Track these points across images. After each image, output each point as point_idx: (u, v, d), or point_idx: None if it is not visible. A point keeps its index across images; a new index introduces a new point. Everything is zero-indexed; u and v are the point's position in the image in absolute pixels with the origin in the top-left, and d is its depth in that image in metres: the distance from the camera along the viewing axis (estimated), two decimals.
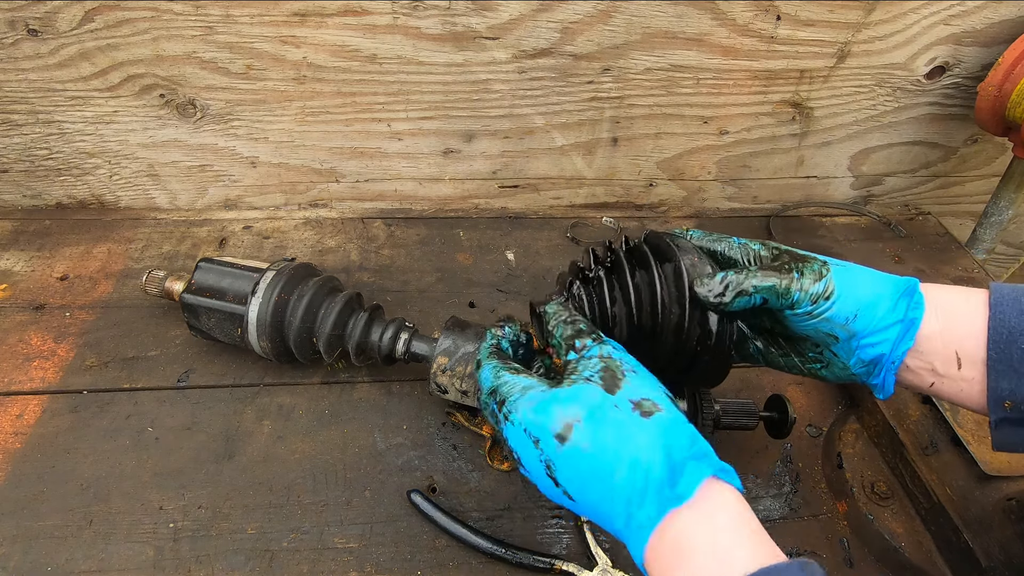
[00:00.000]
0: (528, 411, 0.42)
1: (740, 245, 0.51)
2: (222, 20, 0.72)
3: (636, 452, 0.37)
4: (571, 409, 0.40)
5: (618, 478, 0.38)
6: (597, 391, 0.40)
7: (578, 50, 0.78)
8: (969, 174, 0.99)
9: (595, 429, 0.39)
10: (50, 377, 0.65)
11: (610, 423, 0.39)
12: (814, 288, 0.44)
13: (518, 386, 0.44)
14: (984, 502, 0.54)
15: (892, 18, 0.78)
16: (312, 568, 0.52)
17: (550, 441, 0.40)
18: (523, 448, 0.42)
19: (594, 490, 0.39)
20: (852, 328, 0.45)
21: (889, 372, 0.46)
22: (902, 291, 0.45)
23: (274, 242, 0.85)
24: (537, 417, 0.41)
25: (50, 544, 0.53)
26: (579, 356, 0.44)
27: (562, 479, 0.40)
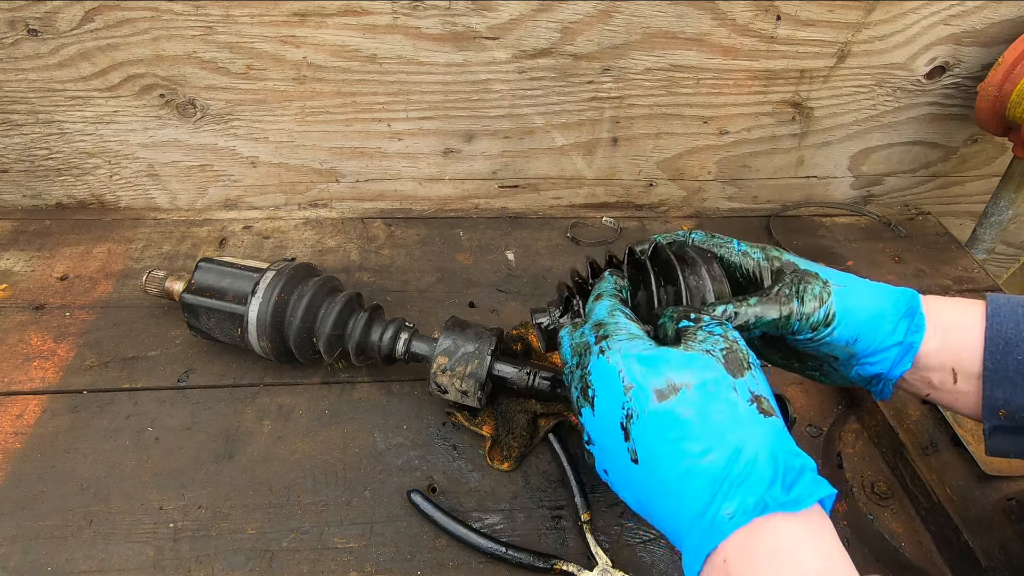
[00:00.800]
0: (632, 357, 0.39)
1: (740, 252, 0.50)
2: (222, 20, 0.72)
3: (744, 441, 0.35)
4: (683, 373, 0.37)
5: (710, 460, 0.35)
6: (717, 366, 0.38)
7: (578, 50, 0.78)
8: (969, 174, 0.99)
9: (705, 401, 0.36)
10: (50, 377, 0.65)
11: (724, 402, 0.36)
12: (815, 317, 0.44)
13: (628, 331, 0.41)
14: (984, 502, 0.54)
15: (892, 18, 0.78)
16: (312, 568, 0.52)
17: (645, 393, 0.37)
18: (606, 387, 0.39)
19: (671, 462, 0.36)
20: (852, 350, 0.45)
21: (887, 385, 0.47)
22: (903, 312, 0.45)
23: (274, 242, 0.85)
24: (640, 366, 0.38)
25: (50, 544, 0.53)
26: (696, 326, 0.41)
27: (637, 436, 0.37)
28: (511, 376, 0.59)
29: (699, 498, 0.34)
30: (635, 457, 0.37)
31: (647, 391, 0.37)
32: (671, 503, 0.36)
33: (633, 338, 0.41)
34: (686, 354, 0.38)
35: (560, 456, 0.60)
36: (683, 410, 0.36)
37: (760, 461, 0.34)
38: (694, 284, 0.47)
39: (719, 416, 0.36)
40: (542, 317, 0.53)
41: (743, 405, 0.36)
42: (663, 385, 0.37)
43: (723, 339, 0.39)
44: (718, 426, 0.36)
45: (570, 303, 0.52)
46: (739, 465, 0.34)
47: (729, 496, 0.34)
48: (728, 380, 0.37)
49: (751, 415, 0.36)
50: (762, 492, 0.33)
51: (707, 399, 0.36)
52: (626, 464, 0.38)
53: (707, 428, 0.36)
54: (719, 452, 0.35)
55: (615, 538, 0.55)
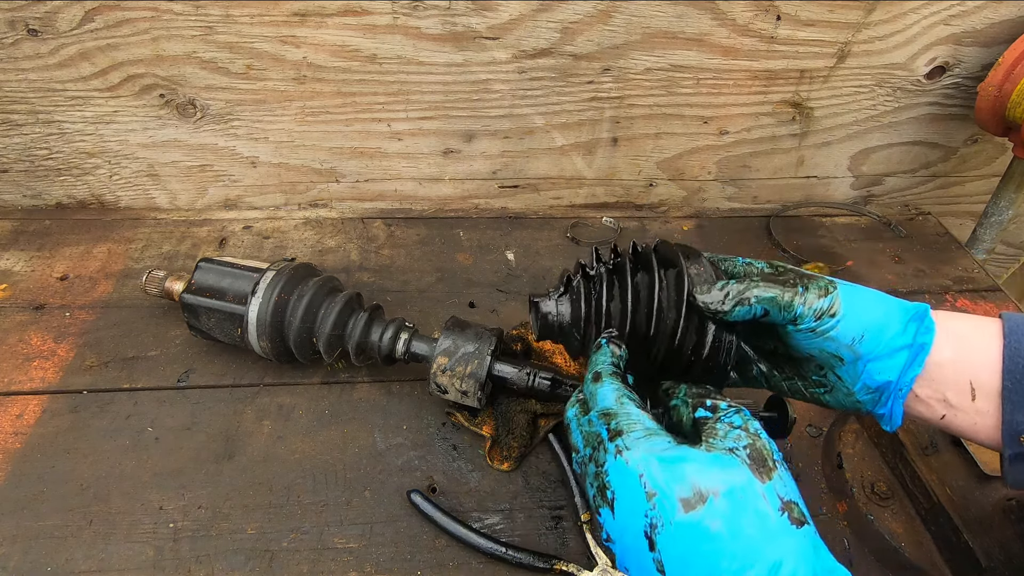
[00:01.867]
0: (653, 459, 0.36)
1: (744, 263, 0.49)
2: (222, 20, 0.72)
3: (779, 556, 0.33)
4: (709, 479, 0.35)
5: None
6: (744, 471, 0.35)
7: (578, 50, 0.78)
8: (969, 174, 0.99)
9: (735, 512, 0.34)
10: (50, 377, 0.65)
11: (754, 513, 0.34)
12: (818, 303, 0.42)
13: (641, 425, 0.39)
14: (984, 502, 0.54)
15: (892, 18, 0.78)
16: (312, 568, 0.52)
17: (671, 503, 0.35)
18: (626, 491, 0.36)
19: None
20: (858, 350, 0.43)
21: (897, 400, 0.43)
22: (911, 315, 0.43)
23: (274, 242, 0.85)
24: (662, 471, 0.36)
25: (50, 544, 0.53)
26: (714, 416, 0.39)
27: (665, 548, 0.35)
28: (511, 376, 0.59)
29: None
30: (661, 568, 0.35)
31: (672, 499, 0.35)
32: None
33: (649, 434, 0.38)
34: (710, 456, 0.36)
35: (560, 456, 0.60)
36: (712, 523, 0.34)
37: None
38: (695, 271, 0.46)
39: (750, 530, 0.34)
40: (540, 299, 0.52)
41: (774, 515, 0.34)
42: (688, 493, 0.35)
43: (745, 433, 0.37)
44: (751, 540, 0.33)
45: (570, 282, 0.51)
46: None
47: None
48: (756, 487, 0.35)
49: (783, 527, 0.34)
50: None
51: (736, 510, 0.34)
52: (652, 572, 0.36)
53: (740, 543, 0.33)
54: (756, 570, 0.33)
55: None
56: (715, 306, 0.44)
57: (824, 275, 0.45)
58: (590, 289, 0.51)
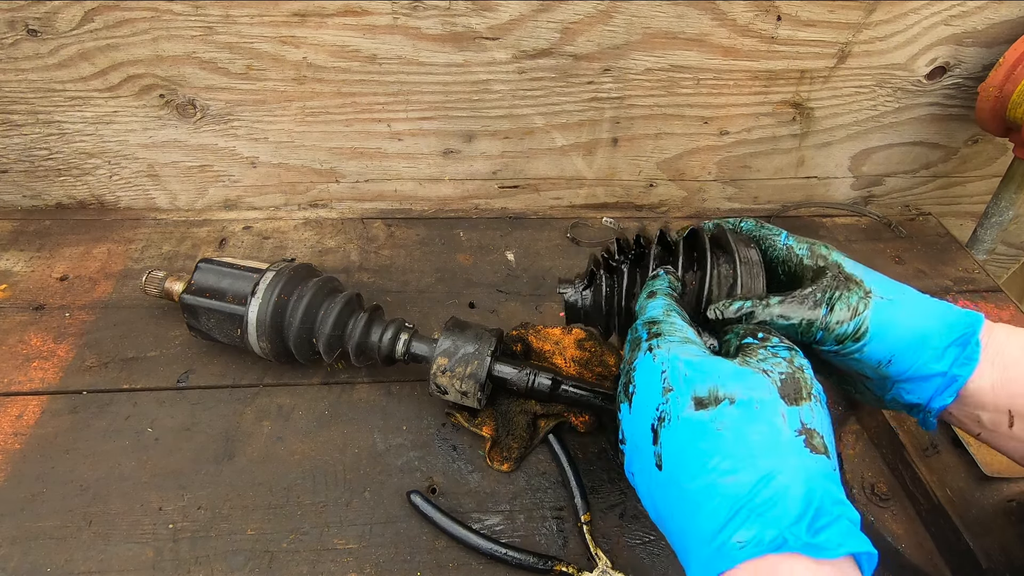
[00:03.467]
0: (680, 358, 0.36)
1: (785, 246, 0.46)
2: (222, 20, 0.72)
3: (777, 469, 0.32)
4: (730, 386, 0.34)
5: (736, 481, 0.32)
6: (770, 388, 0.35)
7: (578, 50, 0.78)
8: (970, 174, 0.99)
9: (744, 419, 0.33)
10: (50, 378, 0.65)
11: (765, 424, 0.33)
12: (841, 329, 0.40)
13: (682, 334, 0.38)
14: (984, 504, 0.54)
15: (893, 18, 0.78)
16: (312, 569, 0.52)
17: (684, 398, 0.35)
18: (647, 386, 0.36)
19: (693, 474, 0.33)
20: (884, 372, 0.41)
21: (929, 417, 0.42)
22: (955, 338, 0.40)
23: (274, 242, 0.85)
24: (686, 368, 0.35)
25: (49, 545, 0.52)
26: (760, 343, 0.38)
27: (666, 441, 0.35)
28: (511, 377, 0.59)
29: (714, 518, 0.32)
30: (659, 462, 0.35)
31: (686, 396, 0.35)
32: (686, 519, 0.33)
33: (686, 342, 0.38)
34: (738, 368, 0.36)
35: (560, 457, 0.59)
36: (719, 423, 0.33)
37: (791, 494, 0.31)
38: (725, 273, 0.44)
39: (756, 438, 0.33)
40: (566, 288, 0.53)
41: (787, 433, 0.33)
42: (704, 393, 0.34)
43: (786, 363, 0.36)
44: (753, 447, 0.33)
45: (594, 276, 0.52)
46: (765, 492, 0.31)
47: (747, 523, 0.31)
48: (778, 405, 0.34)
49: (794, 445, 0.33)
50: (784, 527, 0.30)
51: (748, 418, 0.33)
52: (651, 469, 0.36)
53: (740, 447, 0.33)
54: (746, 474, 0.32)
55: (615, 539, 0.55)
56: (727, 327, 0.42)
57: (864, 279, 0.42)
58: (612, 283, 0.51)
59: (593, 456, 0.62)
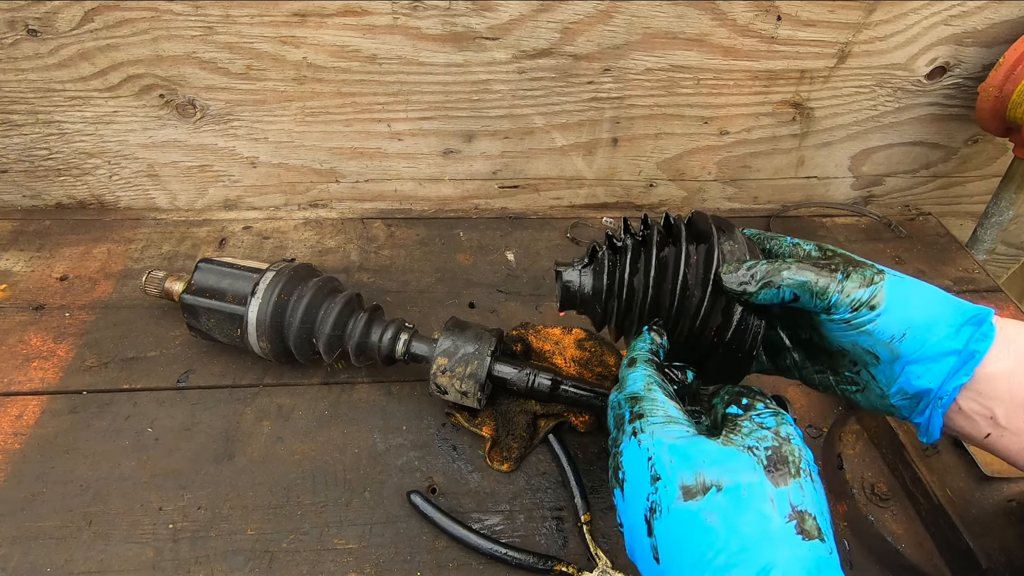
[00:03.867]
0: (664, 443, 0.36)
1: (791, 244, 0.46)
2: (222, 20, 0.72)
3: (774, 563, 0.31)
4: (715, 471, 0.34)
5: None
6: (758, 470, 0.34)
7: (578, 50, 0.78)
8: (970, 174, 0.99)
9: (733, 509, 0.33)
10: (50, 377, 0.65)
11: (754, 514, 0.32)
12: (857, 294, 0.39)
13: (663, 412, 0.38)
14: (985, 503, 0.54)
15: (893, 18, 0.78)
16: (312, 569, 0.52)
17: (672, 488, 0.34)
18: (635, 473, 0.36)
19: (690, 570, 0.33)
20: (897, 348, 0.39)
21: (936, 411, 0.39)
22: (968, 318, 0.38)
23: (274, 242, 0.85)
24: (671, 455, 0.35)
25: (49, 545, 0.52)
26: (745, 414, 0.37)
27: (660, 533, 0.34)
28: (511, 377, 0.59)
29: None
30: (656, 555, 0.34)
31: (674, 486, 0.34)
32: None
33: (669, 422, 0.37)
34: (723, 449, 0.35)
35: (560, 457, 0.59)
36: (708, 515, 0.33)
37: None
38: (729, 248, 0.44)
39: (747, 528, 0.32)
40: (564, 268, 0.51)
41: (777, 521, 0.32)
42: (692, 482, 0.34)
43: (773, 435, 0.35)
44: (745, 540, 0.32)
45: (595, 253, 0.50)
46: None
47: None
48: (766, 489, 0.33)
49: (784, 534, 0.32)
50: None
51: (736, 507, 0.33)
52: (649, 560, 0.35)
53: (733, 540, 0.32)
54: (742, 570, 0.31)
55: (615, 539, 0.55)
56: (740, 287, 0.41)
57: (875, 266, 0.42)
58: (615, 261, 0.49)
59: (593, 456, 0.61)
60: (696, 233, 0.47)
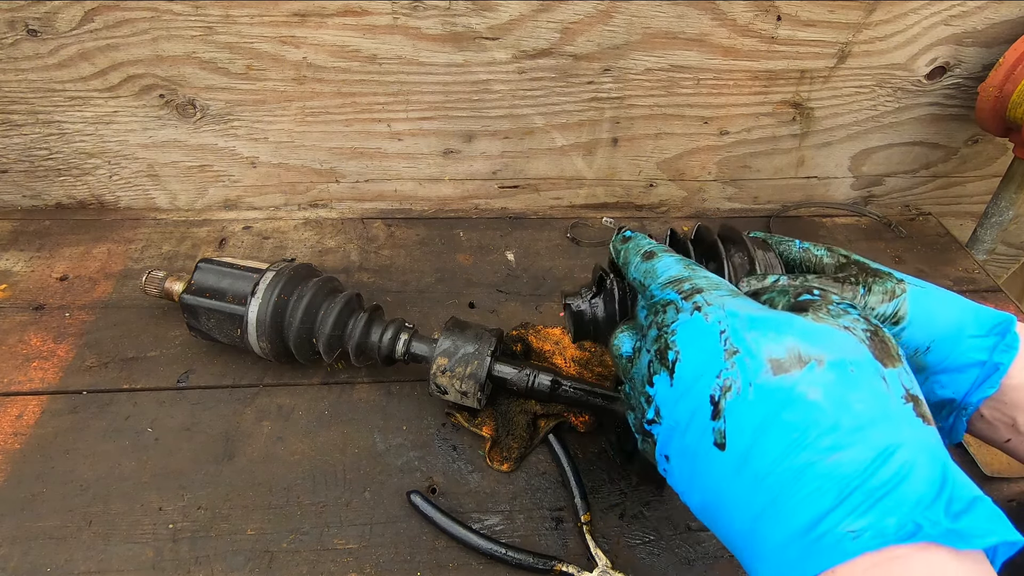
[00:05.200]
0: (739, 315, 0.30)
1: (801, 249, 0.44)
2: (222, 20, 0.72)
3: (900, 442, 0.26)
4: (815, 345, 0.28)
5: (843, 458, 0.26)
6: (861, 348, 0.29)
7: (578, 50, 0.78)
8: (970, 174, 0.99)
9: (844, 384, 0.27)
10: (49, 378, 0.65)
11: (867, 390, 0.27)
12: (881, 308, 0.37)
13: (725, 285, 0.33)
14: None
15: (893, 18, 0.78)
16: (312, 569, 0.52)
17: (757, 363, 0.28)
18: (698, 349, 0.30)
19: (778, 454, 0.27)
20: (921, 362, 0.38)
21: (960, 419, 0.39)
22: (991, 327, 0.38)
23: (274, 242, 0.85)
24: (752, 327, 0.29)
25: (49, 545, 0.52)
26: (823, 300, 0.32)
27: (733, 415, 0.28)
28: (511, 377, 0.59)
29: (811, 506, 0.25)
30: (721, 440, 0.28)
31: (759, 359, 0.28)
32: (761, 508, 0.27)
33: (736, 294, 0.32)
34: (817, 325, 0.29)
35: (560, 457, 0.59)
36: (810, 389, 0.27)
37: (917, 472, 0.25)
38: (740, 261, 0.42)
39: (861, 406, 0.27)
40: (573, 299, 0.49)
41: (896, 401, 0.27)
42: (783, 354, 0.28)
43: (865, 322, 0.31)
44: (859, 417, 0.26)
45: (603, 282, 0.48)
46: (887, 470, 0.25)
47: (863, 509, 0.24)
48: (876, 368, 0.28)
49: (905, 415, 0.27)
50: (916, 511, 0.24)
51: (847, 382, 0.27)
52: (706, 450, 0.29)
53: (844, 417, 0.26)
54: (858, 450, 0.26)
55: (615, 539, 0.55)
56: None
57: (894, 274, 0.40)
58: (625, 288, 0.47)
59: (593, 456, 0.62)
60: (703, 249, 0.46)
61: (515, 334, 0.69)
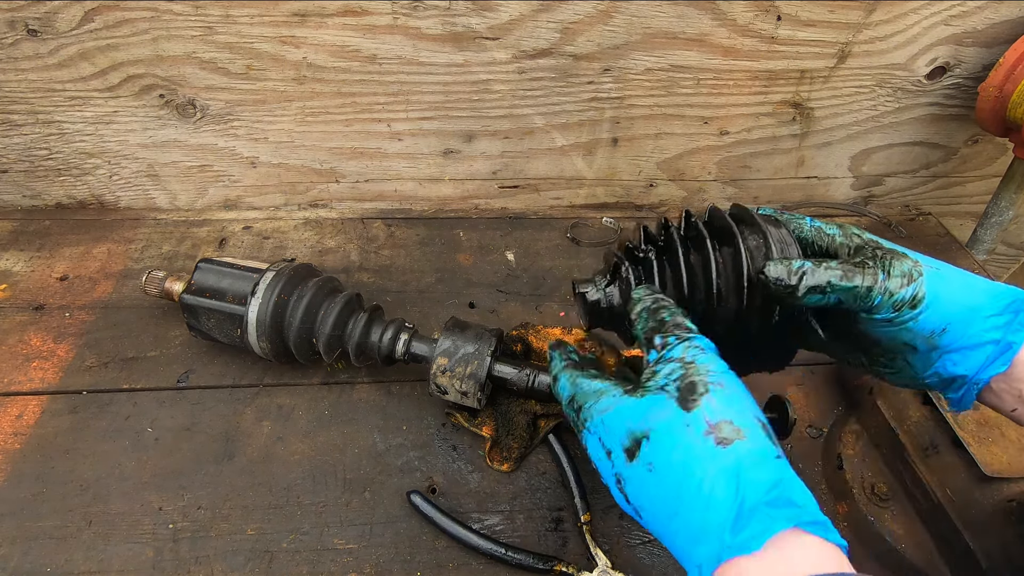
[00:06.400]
0: (600, 420, 0.39)
1: (813, 228, 0.45)
2: (222, 20, 0.72)
3: (700, 486, 0.33)
4: (640, 423, 0.36)
5: (682, 509, 0.34)
6: (670, 405, 0.36)
7: (578, 50, 0.78)
8: (970, 174, 0.99)
9: (661, 450, 0.35)
10: (50, 378, 0.65)
11: (678, 447, 0.35)
12: (900, 294, 0.39)
13: (592, 391, 0.41)
14: (984, 503, 0.53)
15: (893, 18, 0.78)
16: (312, 569, 0.52)
17: (620, 455, 0.37)
18: (598, 458, 0.39)
19: (660, 514, 0.36)
20: (936, 342, 0.40)
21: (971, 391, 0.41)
22: (1006, 306, 0.39)
23: (274, 242, 0.85)
24: (608, 428, 0.38)
25: (49, 545, 0.52)
26: (659, 356, 0.39)
27: (631, 496, 0.37)
28: (511, 377, 0.59)
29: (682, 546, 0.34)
30: (638, 514, 0.38)
31: (620, 451, 0.37)
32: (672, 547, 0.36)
33: (599, 395, 0.40)
34: (639, 400, 0.38)
35: (560, 457, 0.59)
36: (648, 465, 0.36)
37: (720, 503, 0.32)
38: (754, 244, 0.42)
39: (676, 463, 0.34)
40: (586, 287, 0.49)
41: (697, 441, 0.34)
42: (629, 442, 0.37)
43: (680, 365, 0.37)
44: (678, 474, 0.34)
45: (618, 269, 0.48)
46: (699, 512, 0.33)
47: (699, 543, 0.33)
48: (681, 418, 0.35)
49: (706, 451, 0.34)
50: (719, 538, 0.32)
51: (662, 447, 0.35)
52: (638, 518, 0.39)
53: (669, 479, 0.35)
54: (685, 502, 0.34)
55: (615, 539, 0.55)
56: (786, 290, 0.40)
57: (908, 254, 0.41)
58: (640, 275, 0.47)
59: None
60: (718, 232, 0.45)
61: (515, 334, 0.69)
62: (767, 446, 0.34)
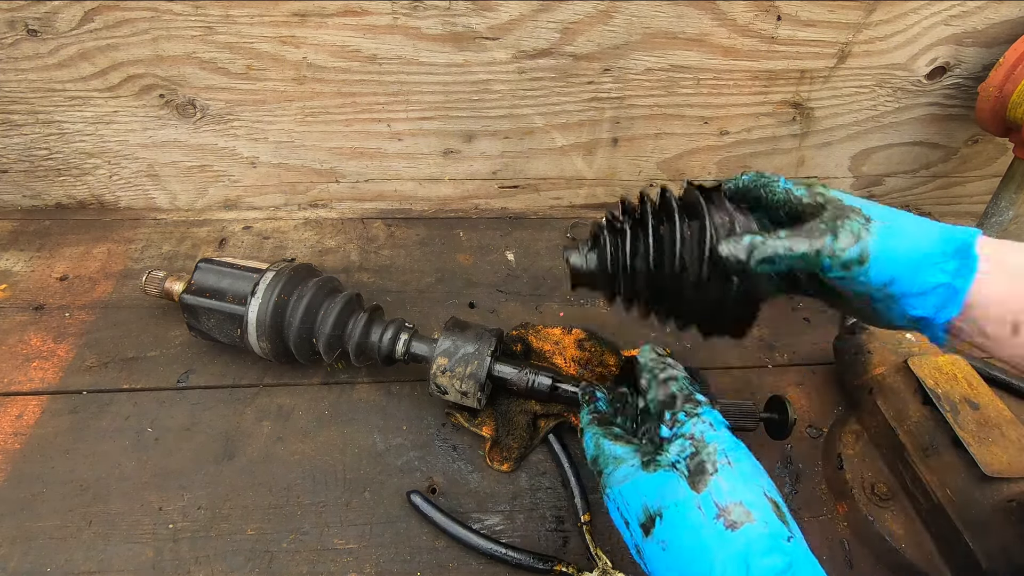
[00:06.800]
0: (618, 491, 0.41)
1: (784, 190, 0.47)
2: (222, 20, 0.72)
3: (711, 572, 0.34)
4: (655, 500, 0.38)
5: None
6: (681, 485, 0.38)
7: (578, 50, 0.78)
8: (970, 174, 0.99)
9: (673, 532, 0.37)
10: (50, 377, 0.65)
11: (688, 529, 0.36)
12: (847, 255, 0.41)
13: (612, 457, 0.43)
14: (984, 503, 0.53)
15: (893, 18, 0.78)
16: (312, 569, 0.52)
17: (637, 529, 0.39)
18: (619, 525, 0.42)
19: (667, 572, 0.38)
20: (887, 292, 0.42)
21: (937, 330, 0.43)
22: (953, 250, 0.41)
23: (274, 242, 0.85)
24: (625, 500, 0.40)
25: (49, 545, 0.52)
26: (672, 433, 0.41)
27: (649, 566, 0.39)
28: (511, 377, 0.59)
29: None
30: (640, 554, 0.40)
31: (636, 526, 0.39)
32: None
33: (618, 463, 0.42)
34: (652, 477, 0.39)
35: (560, 457, 0.60)
36: (661, 543, 0.37)
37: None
38: (720, 221, 0.47)
39: (686, 546, 0.36)
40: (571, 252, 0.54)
41: (707, 524, 0.36)
42: (644, 519, 0.39)
43: (691, 442, 0.39)
44: (688, 556, 0.36)
45: (598, 239, 0.52)
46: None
47: None
48: (691, 499, 0.37)
49: (716, 535, 0.35)
50: None
51: (674, 528, 0.37)
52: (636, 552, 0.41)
53: (680, 560, 0.36)
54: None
55: (615, 539, 0.55)
56: (739, 264, 0.43)
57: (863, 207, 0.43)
58: (616, 243, 0.51)
59: None
60: (688, 207, 0.50)
61: (515, 334, 0.69)
62: (777, 528, 0.35)
